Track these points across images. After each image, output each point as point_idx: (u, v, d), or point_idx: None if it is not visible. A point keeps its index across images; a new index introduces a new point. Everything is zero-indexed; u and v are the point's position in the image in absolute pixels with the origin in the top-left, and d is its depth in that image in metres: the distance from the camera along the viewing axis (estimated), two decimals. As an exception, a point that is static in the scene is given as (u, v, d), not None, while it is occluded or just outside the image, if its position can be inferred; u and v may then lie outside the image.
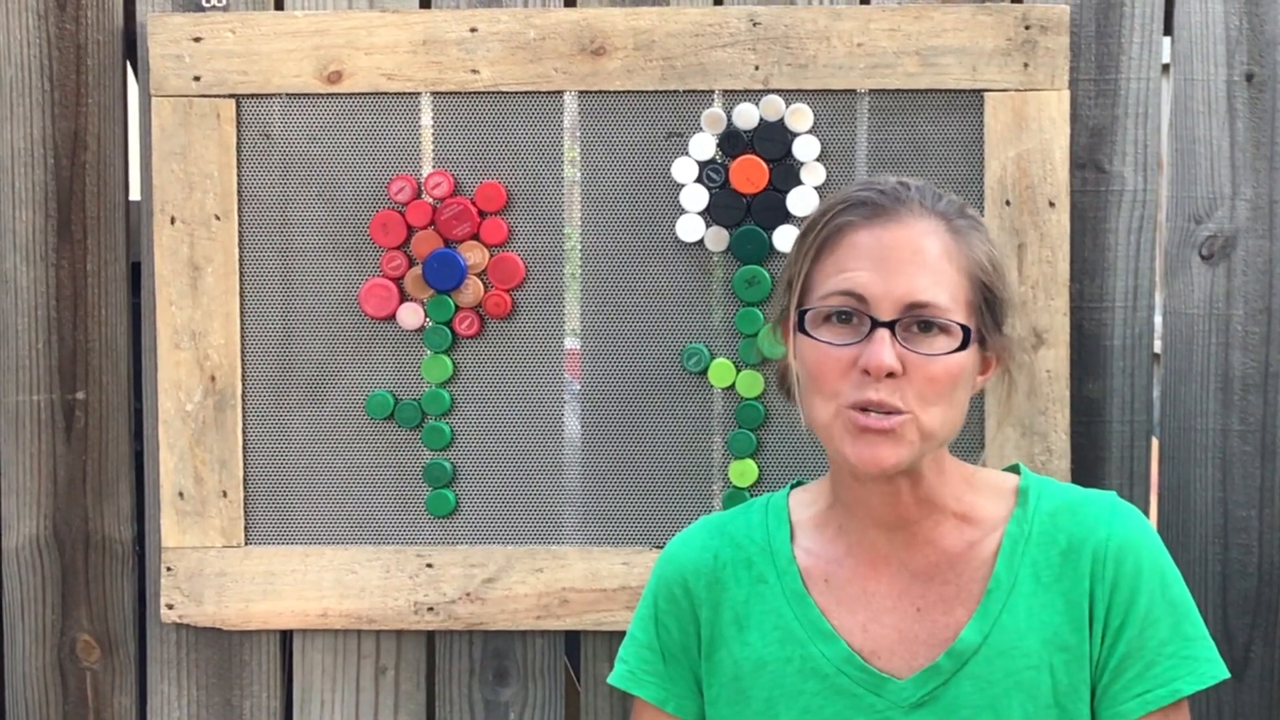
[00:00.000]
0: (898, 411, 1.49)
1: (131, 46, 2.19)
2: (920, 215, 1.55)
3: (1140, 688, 1.54)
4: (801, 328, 1.54)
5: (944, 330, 1.52)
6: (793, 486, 1.73)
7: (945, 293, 1.52)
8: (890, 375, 1.49)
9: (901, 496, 1.57)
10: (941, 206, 1.57)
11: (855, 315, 1.52)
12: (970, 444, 2.06)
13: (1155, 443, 2.16)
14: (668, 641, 1.68)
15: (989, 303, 1.57)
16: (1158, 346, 2.14)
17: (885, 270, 1.51)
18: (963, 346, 1.52)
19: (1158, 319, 2.14)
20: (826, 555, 1.63)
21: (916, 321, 1.51)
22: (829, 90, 2.10)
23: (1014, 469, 1.68)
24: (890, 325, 1.50)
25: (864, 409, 1.50)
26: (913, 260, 1.52)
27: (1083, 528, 1.58)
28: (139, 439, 2.22)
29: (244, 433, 2.16)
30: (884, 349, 1.49)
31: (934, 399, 1.51)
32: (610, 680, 1.72)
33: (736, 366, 2.12)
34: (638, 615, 1.72)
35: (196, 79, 2.13)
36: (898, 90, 2.09)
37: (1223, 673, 1.56)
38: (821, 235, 1.56)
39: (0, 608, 2.24)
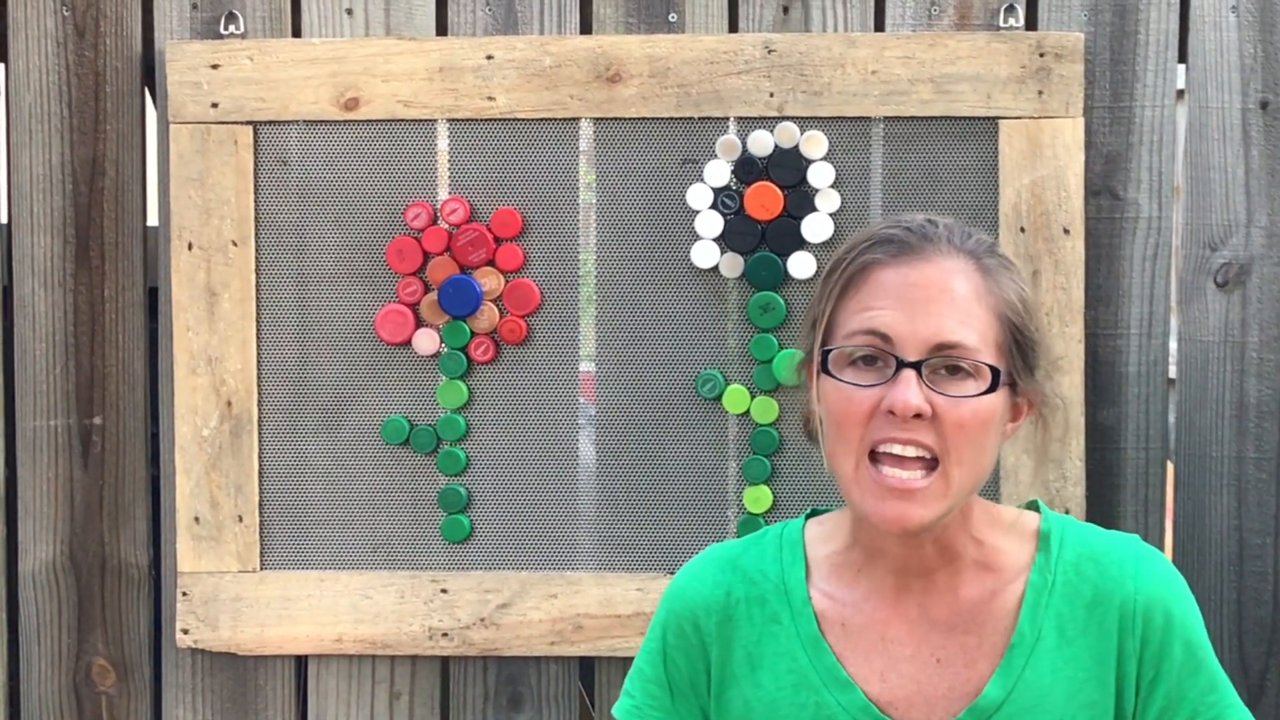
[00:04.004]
0: (927, 451, 1.44)
1: (150, 73, 2.20)
2: (948, 254, 1.48)
3: None
4: (825, 369, 1.48)
5: (973, 373, 1.45)
6: (808, 515, 1.66)
7: (974, 333, 1.45)
8: (918, 417, 1.43)
9: (924, 548, 1.52)
10: (970, 245, 1.50)
11: (880, 357, 1.45)
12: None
13: (1170, 469, 2.16)
14: (676, 677, 1.62)
15: (1020, 345, 1.50)
16: (1173, 373, 2.13)
17: (911, 309, 1.45)
18: (992, 388, 1.45)
19: (1172, 345, 2.14)
20: (843, 599, 1.57)
21: (945, 365, 1.44)
22: (844, 117, 2.10)
23: (1033, 505, 1.63)
24: (917, 366, 1.44)
25: (885, 456, 1.44)
26: (940, 299, 1.46)
27: (1109, 579, 1.53)
28: (155, 464, 2.22)
29: (260, 458, 2.17)
30: (909, 389, 1.43)
31: (964, 447, 1.45)
32: (615, 712, 1.66)
33: (751, 393, 2.13)
34: (645, 649, 1.65)
35: (214, 106, 2.14)
36: (912, 117, 2.09)
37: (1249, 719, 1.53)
38: (846, 273, 1.50)
39: (16, 631, 2.25)
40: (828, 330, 1.51)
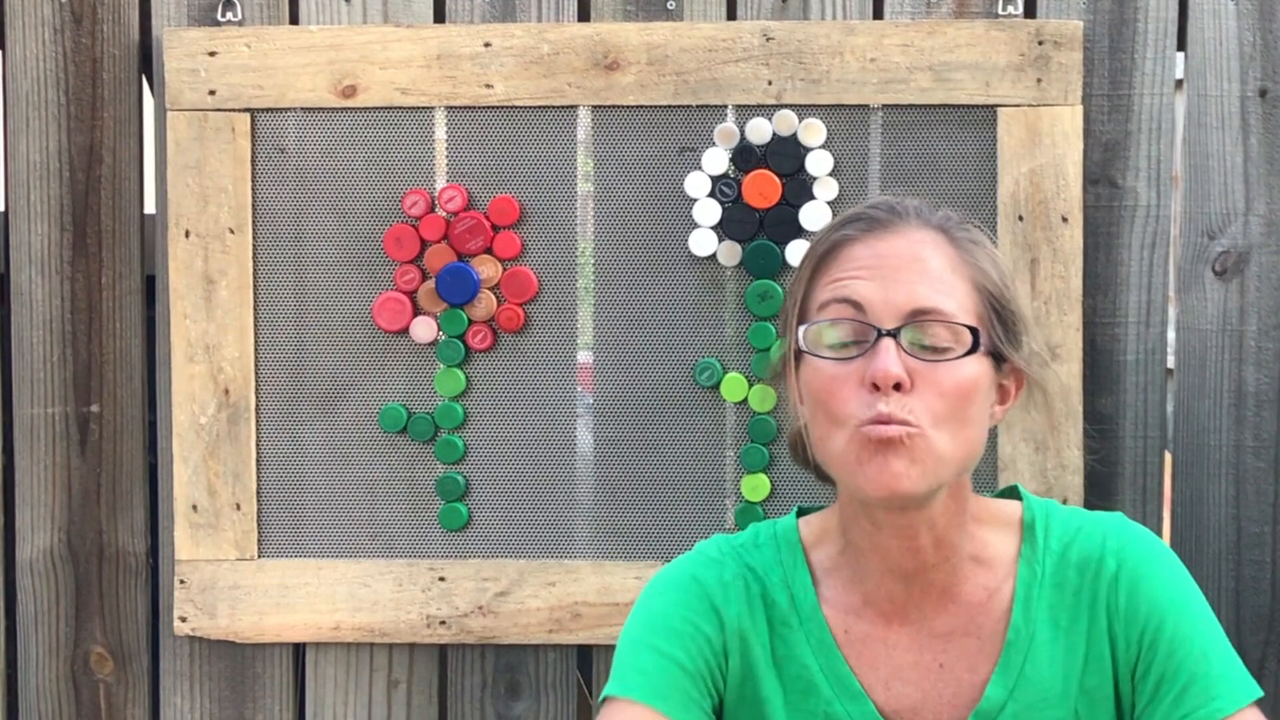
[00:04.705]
0: (910, 426, 1.39)
1: (147, 60, 2.20)
2: (918, 226, 1.47)
3: (1179, 714, 1.45)
4: (802, 349, 1.45)
5: (953, 343, 1.42)
6: (797, 514, 1.62)
7: (951, 300, 1.43)
8: (898, 387, 1.39)
9: (919, 539, 1.47)
10: (939, 220, 1.49)
11: (857, 333, 1.43)
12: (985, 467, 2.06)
13: (1168, 458, 2.16)
14: (698, 663, 1.52)
15: (1000, 316, 1.47)
16: (1171, 362, 2.13)
17: (884, 278, 1.43)
18: (973, 349, 1.42)
19: (1171, 334, 2.14)
20: (843, 605, 1.54)
21: (923, 341, 1.41)
22: (842, 105, 2.10)
23: (1013, 491, 1.60)
24: (894, 334, 1.41)
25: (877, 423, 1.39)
26: (912, 268, 1.43)
27: (1092, 563, 1.51)
28: (153, 452, 2.22)
29: (258, 446, 2.17)
30: (888, 357, 1.39)
31: (944, 415, 1.41)
32: (621, 693, 1.50)
33: (749, 381, 2.12)
34: (659, 625, 1.54)
35: (211, 93, 2.14)
36: (911, 105, 2.09)
37: (1256, 690, 1.47)
38: (816, 254, 1.48)
39: (14, 619, 2.25)
40: (800, 313, 1.49)
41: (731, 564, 1.57)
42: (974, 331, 1.43)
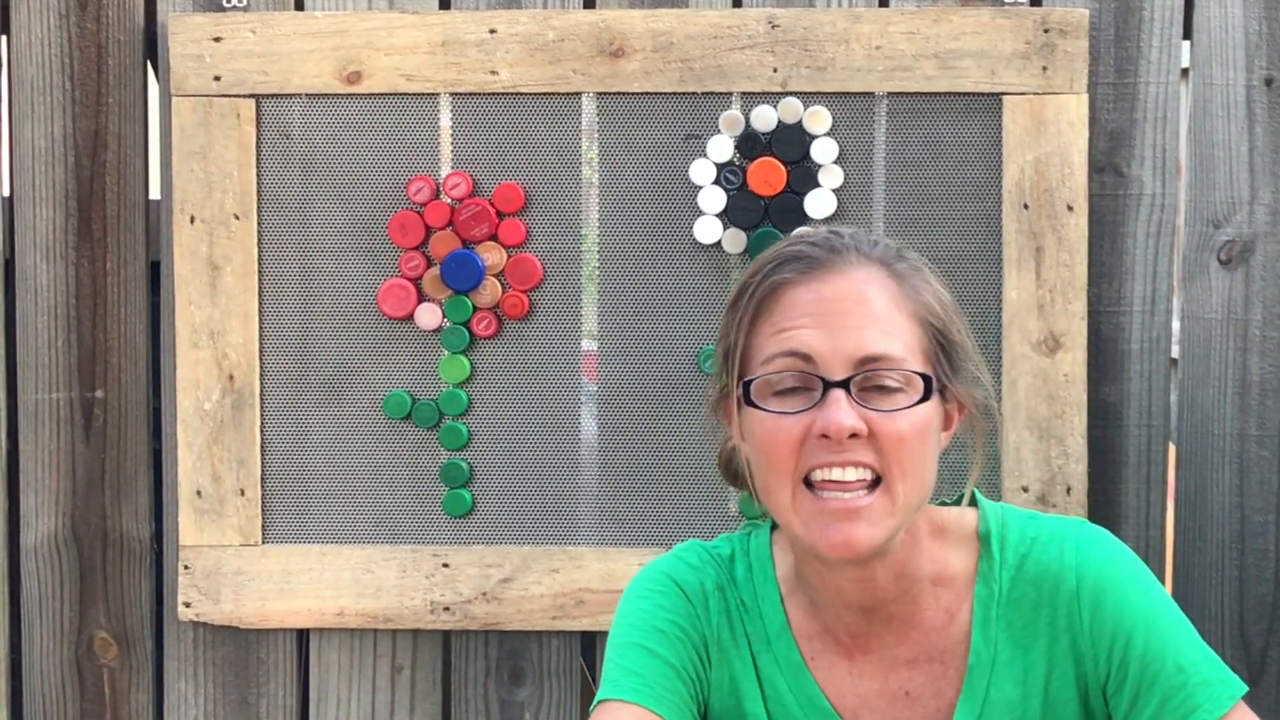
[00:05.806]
0: (869, 470, 1.38)
1: (152, 46, 2.20)
2: (859, 263, 1.42)
3: None
4: (748, 400, 1.41)
5: (903, 385, 1.39)
6: (773, 527, 1.57)
7: (899, 342, 1.40)
8: (853, 437, 1.36)
9: (876, 579, 1.44)
10: (879, 252, 1.44)
11: (805, 382, 1.39)
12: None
13: (1172, 448, 2.16)
14: (685, 665, 1.51)
15: (944, 349, 1.44)
16: (1175, 351, 2.13)
17: (830, 325, 1.39)
18: (925, 397, 1.39)
19: (1175, 323, 2.14)
20: (807, 630, 1.51)
21: (874, 384, 1.38)
22: (847, 93, 2.10)
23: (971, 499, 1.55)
24: (845, 384, 1.37)
25: (825, 483, 1.38)
26: (858, 311, 1.39)
27: (1050, 577, 1.47)
28: (157, 438, 2.22)
29: (262, 432, 2.17)
30: (841, 409, 1.36)
31: (906, 460, 1.38)
32: (615, 695, 1.48)
33: (753, 368, 2.12)
34: (642, 626, 1.52)
35: (217, 79, 2.13)
36: (916, 93, 2.09)
37: (1239, 687, 1.43)
38: (755, 298, 1.43)
39: (19, 604, 2.25)
40: (743, 361, 1.44)
41: (711, 573, 1.55)
42: (925, 378, 1.40)
